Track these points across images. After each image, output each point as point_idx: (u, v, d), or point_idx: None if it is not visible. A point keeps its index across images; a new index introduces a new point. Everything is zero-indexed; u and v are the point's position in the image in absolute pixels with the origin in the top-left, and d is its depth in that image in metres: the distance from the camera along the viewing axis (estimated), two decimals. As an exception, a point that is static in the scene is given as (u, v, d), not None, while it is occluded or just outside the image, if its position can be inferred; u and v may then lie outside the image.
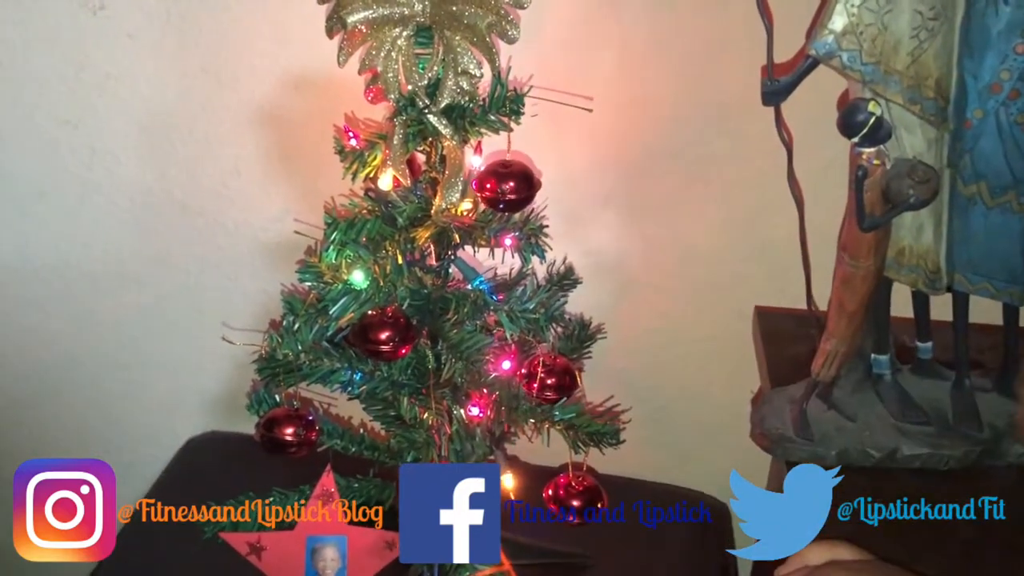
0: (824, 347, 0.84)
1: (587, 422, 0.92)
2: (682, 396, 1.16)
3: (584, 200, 1.04)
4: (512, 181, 0.80)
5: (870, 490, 0.77)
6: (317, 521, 0.92)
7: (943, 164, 0.76)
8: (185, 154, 1.08)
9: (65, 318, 1.21)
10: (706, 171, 1.01)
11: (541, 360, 0.90)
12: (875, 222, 0.75)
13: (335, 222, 0.82)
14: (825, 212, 0.88)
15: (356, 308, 0.85)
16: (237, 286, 1.15)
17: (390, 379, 0.92)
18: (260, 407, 0.93)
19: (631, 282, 1.09)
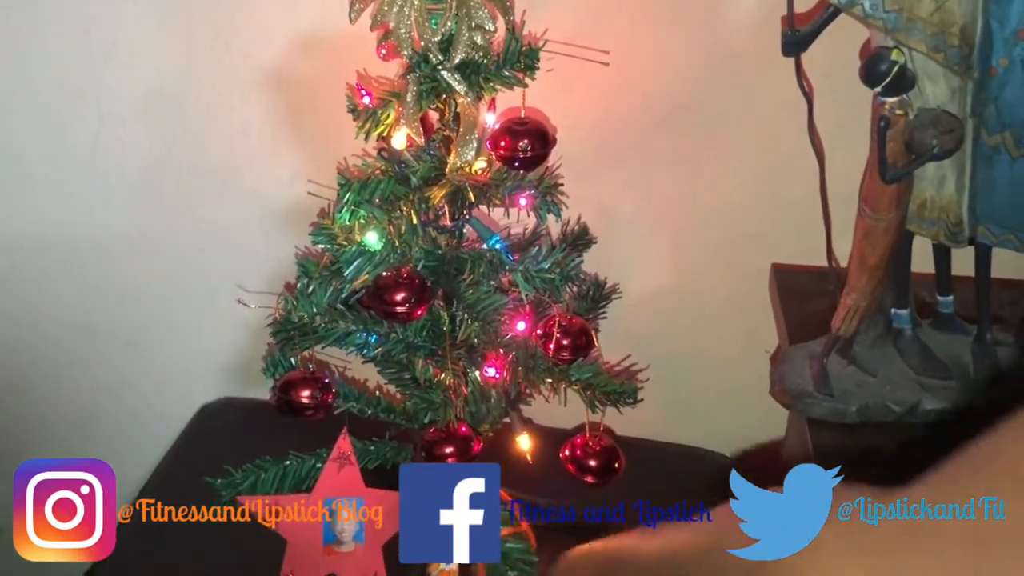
0: (845, 302, 0.83)
1: (604, 381, 0.91)
2: (698, 356, 1.15)
3: (598, 159, 1.03)
4: (527, 138, 0.80)
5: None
6: (334, 484, 0.93)
7: (967, 113, 0.75)
8: (194, 119, 1.07)
9: (77, 287, 1.20)
10: (723, 127, 0.99)
11: (557, 320, 0.90)
12: (897, 173, 0.74)
13: (348, 183, 0.82)
14: (846, 165, 0.86)
15: (370, 270, 0.85)
16: (249, 251, 1.14)
17: (405, 341, 0.92)
18: (276, 370, 0.93)
19: (646, 242, 1.08)
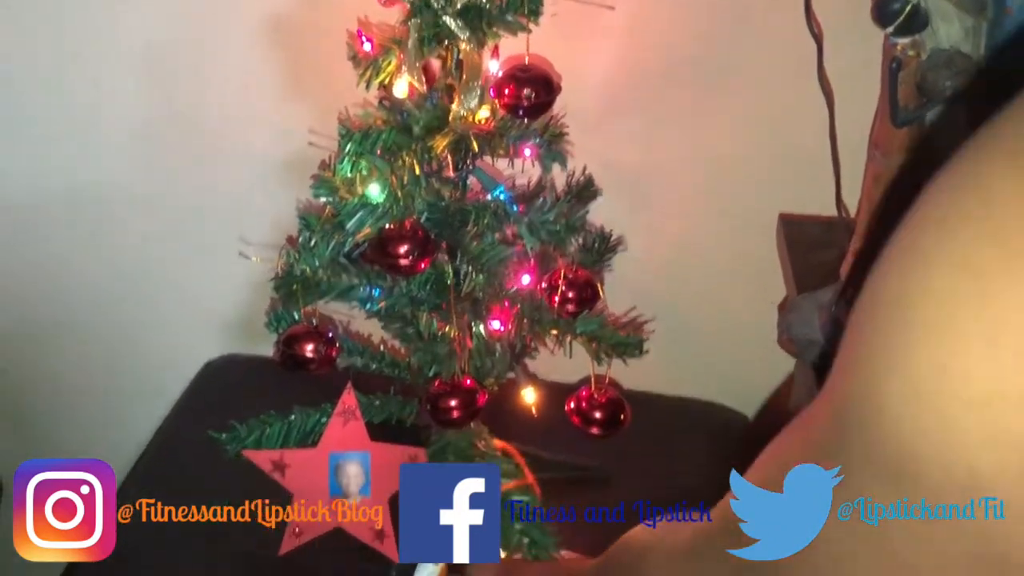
0: (853, 249, 0.82)
1: (610, 333, 0.91)
2: (704, 308, 1.14)
3: (602, 110, 1.01)
4: (531, 86, 0.78)
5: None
6: (339, 438, 0.93)
7: (980, 55, 0.73)
8: (191, 74, 1.06)
9: (79, 246, 1.19)
10: (730, 74, 0.98)
11: (562, 272, 0.89)
12: (909, 116, 0.73)
13: (349, 133, 0.80)
14: (856, 111, 0.85)
15: (373, 222, 0.83)
16: (250, 206, 1.13)
17: (409, 295, 0.91)
18: (279, 325, 0.92)
19: (651, 193, 1.07)
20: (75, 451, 1.36)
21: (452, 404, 0.87)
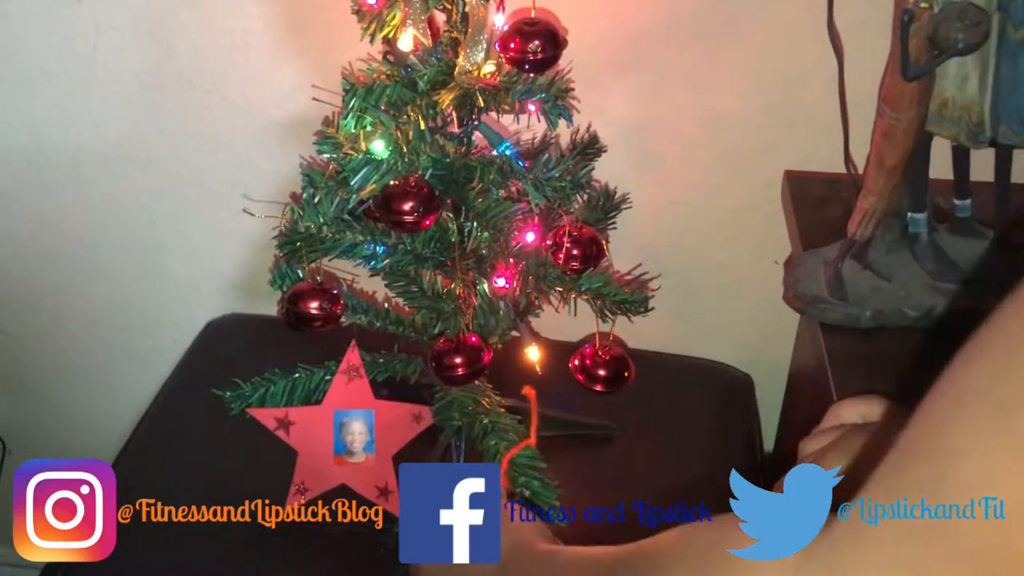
0: (861, 205, 0.82)
1: (615, 291, 0.91)
2: (709, 266, 1.14)
3: (608, 66, 1.00)
4: (538, 40, 0.77)
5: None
6: (344, 396, 0.93)
7: (993, 8, 0.73)
8: (191, 28, 1.04)
9: (78, 201, 1.19)
10: (737, 29, 0.96)
11: (567, 230, 0.89)
12: (920, 70, 0.72)
13: (353, 88, 0.79)
14: (865, 66, 0.84)
15: (377, 179, 0.82)
16: (251, 164, 1.12)
17: (413, 252, 0.90)
18: (283, 282, 0.92)
19: (656, 152, 1.06)
20: (76, 411, 1.38)
21: (457, 361, 0.87)
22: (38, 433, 1.38)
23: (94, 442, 1.14)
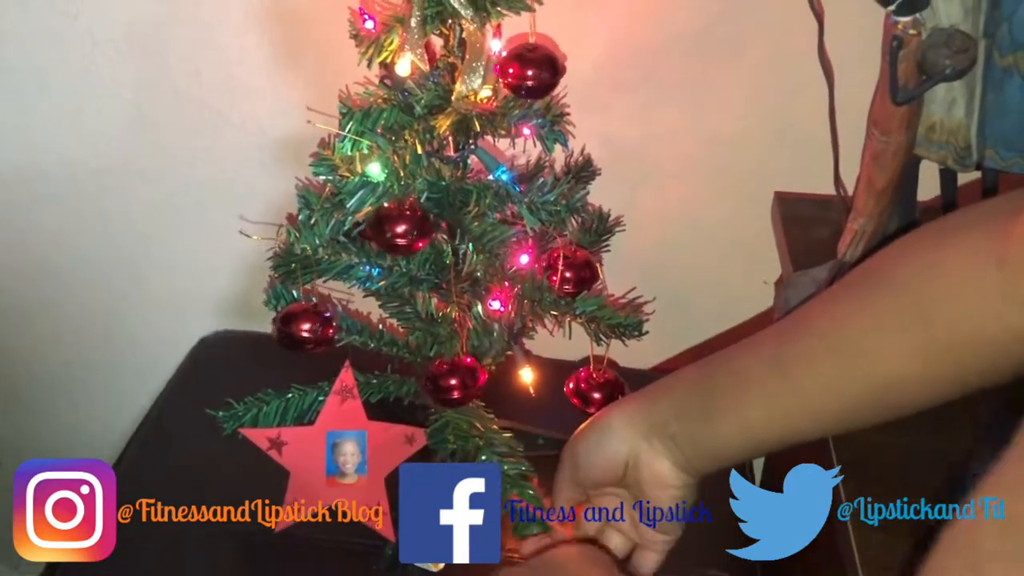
0: (851, 227, 0.83)
1: (609, 314, 0.91)
2: (700, 286, 1.15)
3: (601, 88, 1.01)
4: (537, 66, 0.78)
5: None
6: (337, 416, 0.93)
7: (980, 34, 0.74)
8: (188, 44, 1.04)
9: (73, 216, 1.18)
10: (729, 52, 0.97)
11: (561, 253, 0.89)
12: (909, 94, 0.73)
13: (350, 111, 0.80)
14: (855, 89, 0.85)
15: (373, 201, 0.83)
16: (246, 182, 1.12)
17: (409, 274, 0.91)
18: (278, 302, 0.92)
19: (650, 172, 1.07)
20: (68, 426, 1.37)
21: (453, 383, 0.87)
22: (30, 447, 1.38)
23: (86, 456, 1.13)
